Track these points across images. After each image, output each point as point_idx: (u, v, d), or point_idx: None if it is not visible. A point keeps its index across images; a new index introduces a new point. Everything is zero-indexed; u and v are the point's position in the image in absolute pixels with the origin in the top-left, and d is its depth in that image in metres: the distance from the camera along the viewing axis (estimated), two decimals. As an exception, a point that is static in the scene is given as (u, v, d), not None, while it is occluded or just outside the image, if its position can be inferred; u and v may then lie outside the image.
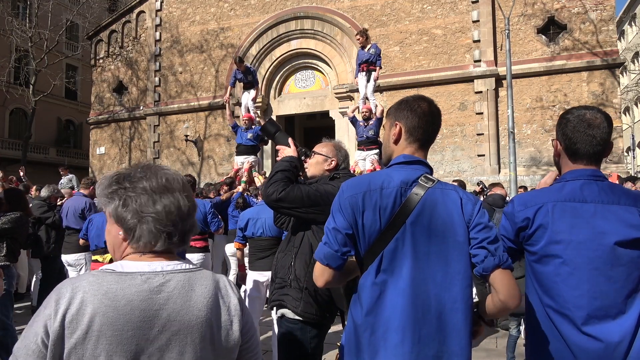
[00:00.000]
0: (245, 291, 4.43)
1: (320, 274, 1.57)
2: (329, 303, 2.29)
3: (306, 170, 2.53)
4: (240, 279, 4.73)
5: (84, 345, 0.97)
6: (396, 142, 1.66)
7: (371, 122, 8.12)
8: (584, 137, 1.65)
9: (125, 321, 0.99)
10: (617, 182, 6.12)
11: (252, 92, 9.73)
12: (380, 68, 8.82)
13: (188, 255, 4.74)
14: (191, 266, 1.15)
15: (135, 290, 1.03)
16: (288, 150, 2.48)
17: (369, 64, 8.56)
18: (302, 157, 2.50)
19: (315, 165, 2.52)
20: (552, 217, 1.59)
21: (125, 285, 1.03)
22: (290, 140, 2.50)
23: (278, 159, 2.47)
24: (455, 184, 7.35)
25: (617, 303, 1.50)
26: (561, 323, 1.55)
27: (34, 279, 6.61)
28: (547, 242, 1.60)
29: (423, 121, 1.62)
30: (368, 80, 8.61)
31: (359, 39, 8.61)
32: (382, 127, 1.86)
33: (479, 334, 1.59)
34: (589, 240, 1.54)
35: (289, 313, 2.34)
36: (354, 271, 1.65)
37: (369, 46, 8.55)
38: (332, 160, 2.50)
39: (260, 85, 13.88)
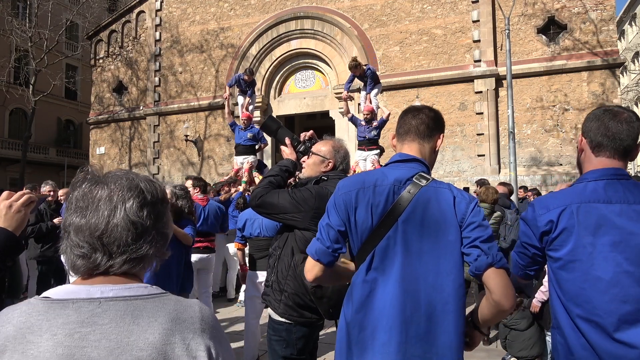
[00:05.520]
0: (245, 291, 4.46)
1: (310, 269, 1.59)
2: (310, 305, 2.25)
3: (303, 169, 2.49)
4: (242, 279, 4.76)
5: None
6: (394, 147, 1.76)
7: (375, 123, 8.05)
8: (608, 127, 1.56)
9: None
10: None
11: (247, 99, 9.95)
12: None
13: (193, 256, 4.73)
14: (148, 292, 0.92)
15: (62, 322, 0.86)
16: (286, 153, 2.49)
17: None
18: (301, 155, 2.49)
19: (312, 166, 2.45)
20: (577, 219, 1.50)
21: (52, 316, 0.87)
22: (287, 141, 2.48)
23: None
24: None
25: None
26: (590, 331, 1.47)
27: (30, 280, 6.58)
28: (574, 246, 1.50)
29: (402, 117, 1.72)
30: (372, 88, 8.58)
31: (355, 72, 8.37)
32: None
33: (474, 343, 1.54)
34: (616, 242, 1.47)
35: (272, 314, 2.35)
36: (345, 277, 1.66)
37: (365, 70, 8.42)
38: (329, 162, 2.41)
39: (260, 86, 13.94)
